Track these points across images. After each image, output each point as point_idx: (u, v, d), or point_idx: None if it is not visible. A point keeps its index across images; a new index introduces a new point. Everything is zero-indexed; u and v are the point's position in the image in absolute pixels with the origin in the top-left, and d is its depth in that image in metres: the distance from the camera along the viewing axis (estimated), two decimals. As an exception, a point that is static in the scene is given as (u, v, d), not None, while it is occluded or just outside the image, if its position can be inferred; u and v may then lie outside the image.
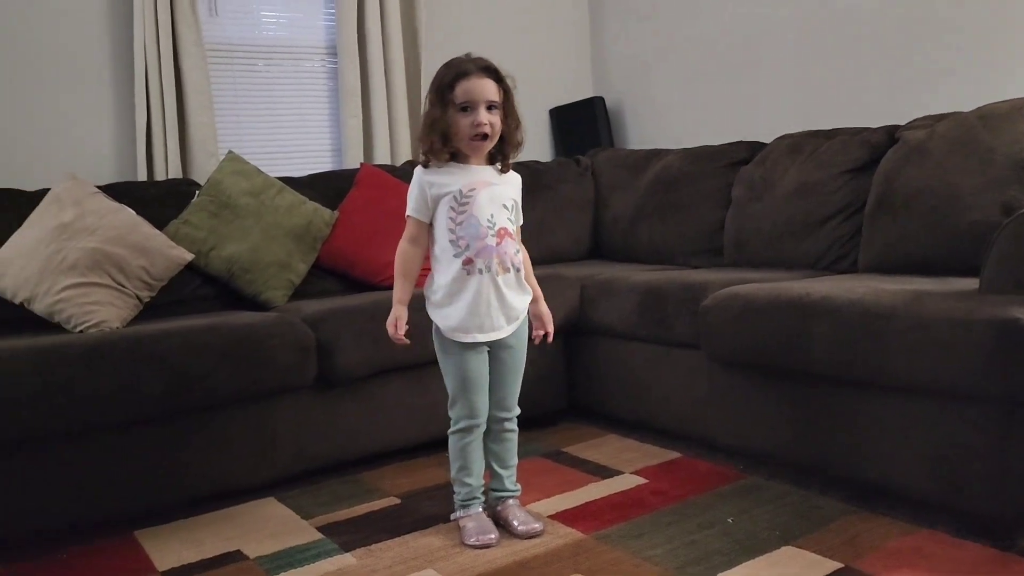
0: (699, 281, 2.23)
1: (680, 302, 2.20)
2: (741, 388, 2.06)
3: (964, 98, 2.39)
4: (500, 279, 1.71)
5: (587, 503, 1.92)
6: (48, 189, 2.30)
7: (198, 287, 2.44)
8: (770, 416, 1.99)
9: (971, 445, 1.60)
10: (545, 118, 3.72)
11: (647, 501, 1.91)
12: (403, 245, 1.77)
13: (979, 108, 2.19)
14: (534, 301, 1.84)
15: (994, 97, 2.23)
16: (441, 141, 1.70)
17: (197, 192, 2.53)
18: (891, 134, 2.40)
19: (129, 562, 1.75)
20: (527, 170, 3.13)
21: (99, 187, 2.35)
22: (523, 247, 1.83)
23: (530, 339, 1.84)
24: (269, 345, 2.02)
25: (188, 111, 2.79)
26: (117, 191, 2.39)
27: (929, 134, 2.24)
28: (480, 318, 1.71)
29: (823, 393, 1.87)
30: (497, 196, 1.73)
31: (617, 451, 2.28)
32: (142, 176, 2.72)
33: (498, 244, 1.71)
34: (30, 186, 2.40)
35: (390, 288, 2.48)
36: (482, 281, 1.70)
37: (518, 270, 1.76)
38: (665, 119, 3.52)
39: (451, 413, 1.79)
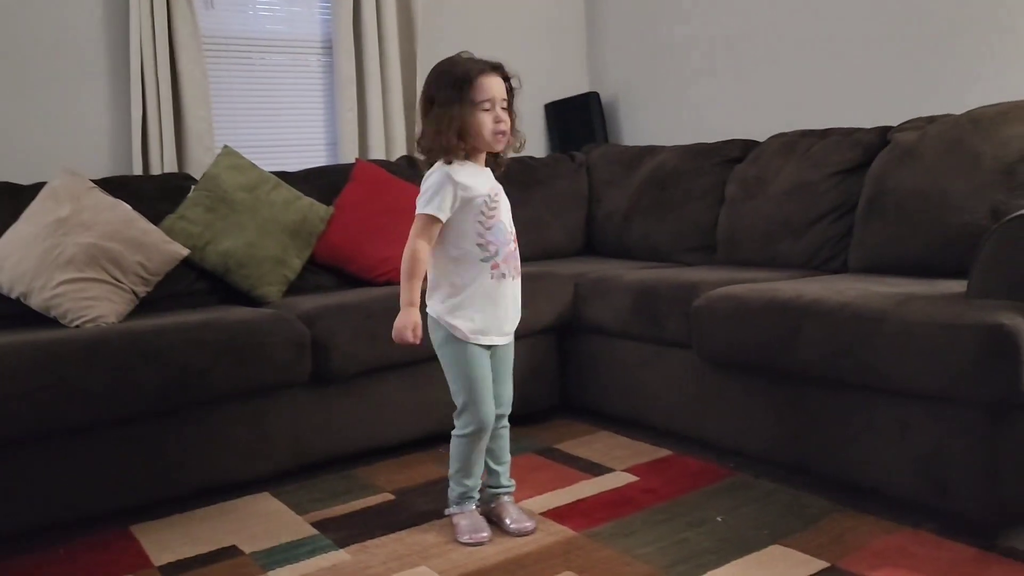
0: (691, 281, 2.25)
1: (672, 302, 2.22)
2: (732, 387, 2.09)
3: (955, 101, 2.41)
4: (516, 282, 1.77)
5: (579, 500, 1.95)
6: (44, 182, 2.30)
7: (193, 282, 2.45)
8: (760, 415, 2.02)
9: (956, 447, 1.63)
10: (540, 113, 3.72)
11: (638, 499, 1.94)
12: (418, 243, 1.67)
13: (969, 111, 2.21)
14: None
15: (984, 100, 2.26)
16: (457, 139, 1.67)
17: (193, 187, 2.53)
18: (883, 135, 2.42)
19: (126, 556, 1.77)
20: (521, 165, 3.14)
21: (95, 181, 2.34)
22: None
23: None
24: (265, 341, 2.03)
25: (184, 105, 2.78)
26: (113, 185, 2.39)
27: (920, 136, 2.26)
28: (500, 321, 1.74)
29: (812, 394, 1.90)
30: (507, 201, 1.77)
31: (608, 448, 2.31)
32: (137, 170, 2.72)
33: (515, 249, 1.76)
34: (25, 179, 2.40)
35: (384, 284, 2.52)
36: (507, 285, 1.74)
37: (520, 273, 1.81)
38: (660, 115, 3.53)
39: (458, 420, 1.76)
